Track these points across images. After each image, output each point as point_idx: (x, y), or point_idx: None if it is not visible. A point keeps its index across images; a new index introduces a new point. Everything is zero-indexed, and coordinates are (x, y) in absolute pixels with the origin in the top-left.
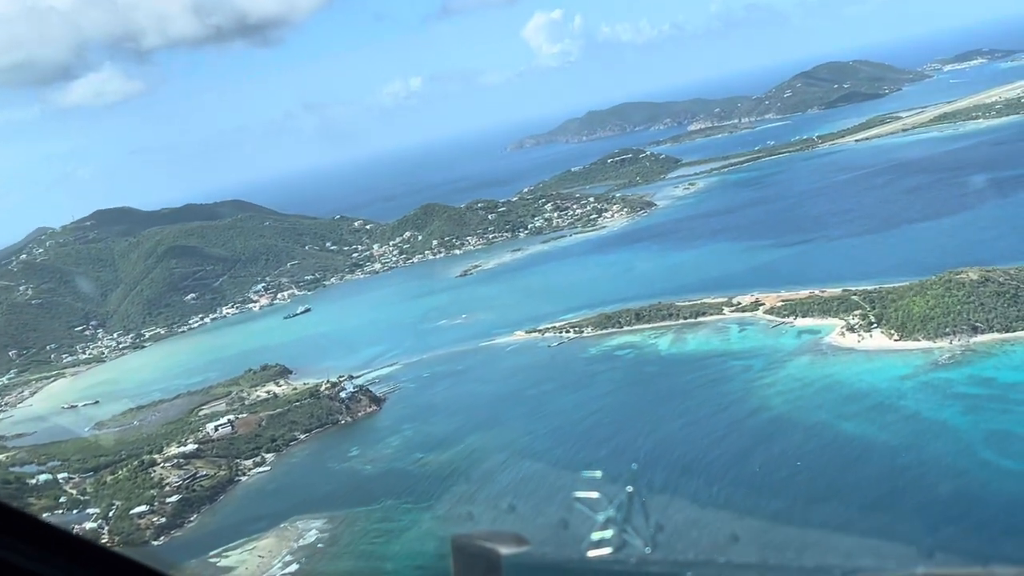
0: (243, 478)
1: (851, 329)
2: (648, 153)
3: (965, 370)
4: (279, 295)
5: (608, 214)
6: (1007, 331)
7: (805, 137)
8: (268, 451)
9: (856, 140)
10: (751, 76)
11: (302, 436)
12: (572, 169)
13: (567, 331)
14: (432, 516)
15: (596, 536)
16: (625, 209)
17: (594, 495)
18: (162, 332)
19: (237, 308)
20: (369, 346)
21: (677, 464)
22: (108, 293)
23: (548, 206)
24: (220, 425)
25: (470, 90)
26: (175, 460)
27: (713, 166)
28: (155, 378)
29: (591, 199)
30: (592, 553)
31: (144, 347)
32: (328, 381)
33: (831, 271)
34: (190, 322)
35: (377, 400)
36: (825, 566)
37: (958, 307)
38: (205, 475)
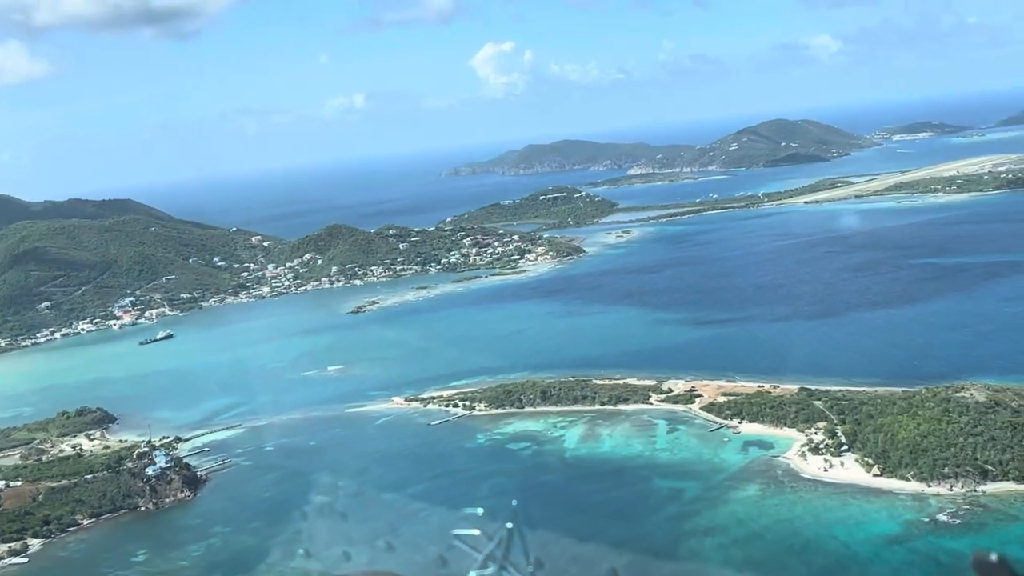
0: None
1: (814, 449)
2: (584, 193)
3: (978, 539)
4: (146, 313)
5: (531, 256)
6: None
7: (750, 194)
8: (36, 535)
9: (805, 202)
10: (695, 126)
11: (86, 522)
12: (501, 202)
13: (456, 403)
14: None
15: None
16: (551, 253)
17: (474, 532)
18: (1, 344)
19: (95, 324)
20: (218, 395)
21: None
22: None
23: (467, 240)
24: None
25: (410, 111)
26: None
27: (651, 214)
28: None
29: (515, 237)
30: None
31: None
32: (148, 442)
33: (782, 359)
34: (37, 336)
35: (194, 483)
36: None
37: (961, 439)
38: None
